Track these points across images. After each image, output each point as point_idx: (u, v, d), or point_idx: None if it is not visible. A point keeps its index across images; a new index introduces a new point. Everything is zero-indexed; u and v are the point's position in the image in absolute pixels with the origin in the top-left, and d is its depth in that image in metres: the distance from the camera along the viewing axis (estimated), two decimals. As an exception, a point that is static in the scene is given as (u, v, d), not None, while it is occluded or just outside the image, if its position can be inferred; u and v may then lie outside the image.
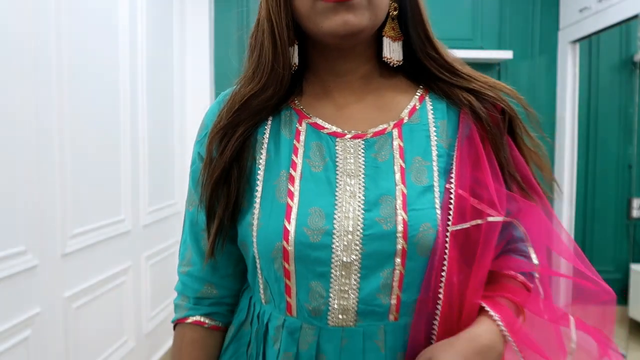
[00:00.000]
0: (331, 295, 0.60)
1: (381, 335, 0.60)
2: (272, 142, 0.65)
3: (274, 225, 0.60)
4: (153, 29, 2.38)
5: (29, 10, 1.45)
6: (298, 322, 0.61)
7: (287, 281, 0.61)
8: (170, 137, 2.66)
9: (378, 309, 0.60)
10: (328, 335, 0.60)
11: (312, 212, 0.59)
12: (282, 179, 0.62)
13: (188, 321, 0.71)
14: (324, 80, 0.67)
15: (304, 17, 0.60)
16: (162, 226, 2.53)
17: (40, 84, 1.51)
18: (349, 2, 0.56)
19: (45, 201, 1.54)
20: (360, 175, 0.61)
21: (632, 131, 2.59)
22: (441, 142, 0.64)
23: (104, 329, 1.95)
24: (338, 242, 0.59)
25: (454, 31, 3.14)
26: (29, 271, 1.47)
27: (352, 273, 0.59)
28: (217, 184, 0.63)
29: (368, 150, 0.62)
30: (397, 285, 0.59)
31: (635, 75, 2.70)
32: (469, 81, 0.65)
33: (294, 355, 0.61)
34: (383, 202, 0.59)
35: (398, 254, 0.58)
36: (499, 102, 0.66)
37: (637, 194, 2.77)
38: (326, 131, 0.64)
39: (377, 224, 0.58)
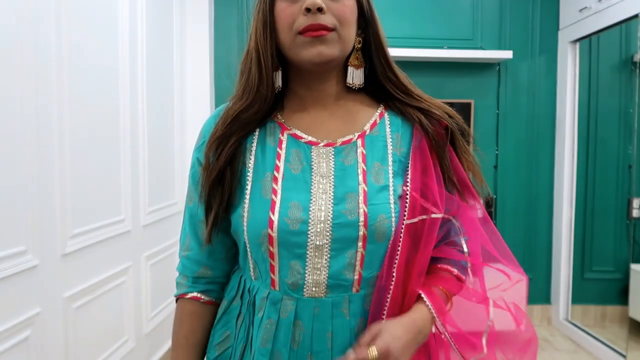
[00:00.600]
0: (307, 272, 0.74)
1: (346, 304, 0.75)
2: (259, 149, 0.79)
3: (261, 216, 0.74)
4: (153, 29, 2.38)
5: (29, 11, 1.45)
6: (279, 295, 0.75)
7: (272, 261, 0.75)
8: (170, 138, 2.67)
9: (344, 283, 0.75)
10: (303, 304, 0.75)
11: (292, 205, 0.74)
12: (267, 179, 0.76)
13: (187, 297, 0.85)
14: (302, 98, 0.81)
15: (286, 48, 0.75)
16: (162, 226, 2.53)
17: (41, 84, 1.51)
18: (323, 37, 0.72)
19: (45, 201, 1.54)
20: (331, 176, 0.76)
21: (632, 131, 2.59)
22: (396, 151, 0.79)
23: (104, 329, 1.95)
24: (312, 229, 0.73)
25: (454, 31, 3.14)
26: (29, 271, 1.47)
27: (323, 254, 0.74)
28: (214, 184, 0.77)
29: (337, 156, 0.77)
30: (359, 264, 0.74)
31: (635, 75, 2.70)
32: (420, 101, 0.82)
33: (275, 321, 0.75)
34: (348, 198, 0.74)
35: (360, 239, 0.73)
36: (443, 120, 0.81)
37: (637, 194, 2.77)
38: (303, 140, 0.79)
39: (343, 215, 0.73)
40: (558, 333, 3.15)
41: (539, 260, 3.27)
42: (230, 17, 3.06)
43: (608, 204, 3.03)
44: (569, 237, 3.11)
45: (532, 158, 3.23)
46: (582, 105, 3.05)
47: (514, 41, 3.17)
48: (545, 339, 3.06)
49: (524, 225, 3.25)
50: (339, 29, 0.74)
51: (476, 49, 3.10)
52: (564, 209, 3.11)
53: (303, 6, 0.71)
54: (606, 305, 3.06)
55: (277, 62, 0.77)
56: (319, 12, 0.71)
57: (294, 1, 0.73)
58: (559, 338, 3.08)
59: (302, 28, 0.72)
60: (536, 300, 3.27)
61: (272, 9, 0.75)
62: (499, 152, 3.21)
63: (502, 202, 3.23)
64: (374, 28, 0.82)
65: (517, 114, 3.21)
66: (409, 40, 3.09)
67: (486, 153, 3.21)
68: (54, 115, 1.59)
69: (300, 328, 0.75)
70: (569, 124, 3.09)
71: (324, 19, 0.72)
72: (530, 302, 3.17)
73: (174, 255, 2.72)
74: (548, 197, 3.24)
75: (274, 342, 0.75)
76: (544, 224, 3.26)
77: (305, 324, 0.75)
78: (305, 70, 0.78)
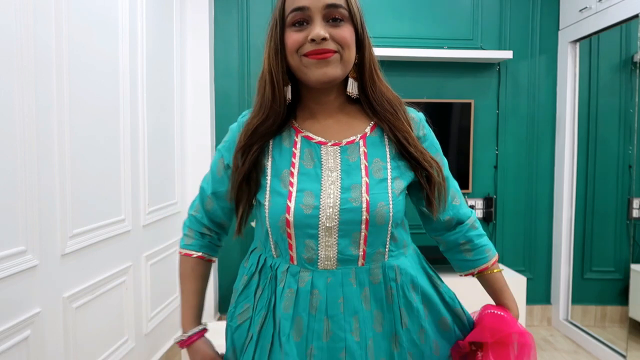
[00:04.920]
0: (319, 249, 0.88)
1: (353, 275, 0.90)
2: (277, 151, 0.94)
3: (280, 204, 0.88)
4: (153, 29, 2.38)
5: (29, 11, 1.45)
6: (297, 268, 0.90)
7: (290, 240, 0.89)
8: (170, 138, 2.66)
9: (350, 258, 0.89)
10: (318, 275, 0.89)
11: (306, 194, 0.88)
12: (285, 174, 0.91)
13: (193, 256, 1.04)
14: (311, 108, 0.96)
15: (294, 69, 0.90)
16: (162, 226, 2.53)
17: (40, 84, 1.51)
18: (327, 59, 0.86)
19: (45, 201, 1.54)
20: (338, 170, 0.91)
21: (632, 131, 2.59)
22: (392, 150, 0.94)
23: (104, 329, 1.95)
24: (323, 213, 0.87)
25: (454, 31, 3.14)
26: (29, 271, 1.47)
27: (332, 234, 0.88)
28: (241, 184, 0.92)
29: (343, 154, 0.92)
30: (362, 242, 0.89)
31: (635, 75, 2.70)
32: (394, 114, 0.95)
33: (295, 290, 0.90)
34: (353, 188, 0.88)
35: (363, 222, 0.88)
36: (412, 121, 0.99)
37: (637, 194, 2.77)
38: (314, 141, 0.94)
39: (349, 202, 0.88)
40: (558, 333, 3.15)
41: (539, 260, 3.27)
42: (230, 17, 3.06)
43: (608, 204, 3.03)
44: (569, 237, 3.11)
45: (532, 158, 3.23)
46: (582, 105, 3.05)
47: (514, 41, 3.17)
48: (545, 339, 3.06)
49: (524, 225, 3.25)
50: (341, 51, 0.88)
51: (476, 49, 3.10)
52: (564, 209, 3.11)
53: (309, 37, 0.85)
54: (606, 306, 3.06)
55: (287, 80, 0.92)
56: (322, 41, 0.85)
57: (301, 30, 0.87)
58: (559, 338, 3.08)
59: (307, 52, 0.86)
60: (536, 300, 3.27)
61: (282, 37, 0.89)
62: (499, 152, 3.21)
63: (502, 202, 3.23)
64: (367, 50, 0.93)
65: (517, 114, 3.21)
66: (409, 40, 3.09)
67: (486, 153, 3.21)
68: (54, 115, 1.59)
69: (316, 296, 0.89)
70: (569, 124, 3.09)
71: (327, 44, 0.86)
72: (530, 302, 3.17)
73: (174, 255, 2.72)
74: (548, 197, 3.24)
75: (295, 308, 0.89)
76: (544, 224, 3.26)
77: (320, 292, 0.89)
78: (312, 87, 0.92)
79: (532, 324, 3.27)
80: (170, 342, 2.65)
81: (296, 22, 0.87)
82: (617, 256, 3.02)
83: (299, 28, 0.87)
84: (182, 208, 2.84)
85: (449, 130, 3.16)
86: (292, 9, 0.87)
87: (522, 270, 3.21)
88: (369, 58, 0.93)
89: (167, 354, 2.58)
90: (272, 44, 0.90)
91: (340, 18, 0.87)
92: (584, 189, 3.07)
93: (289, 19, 0.88)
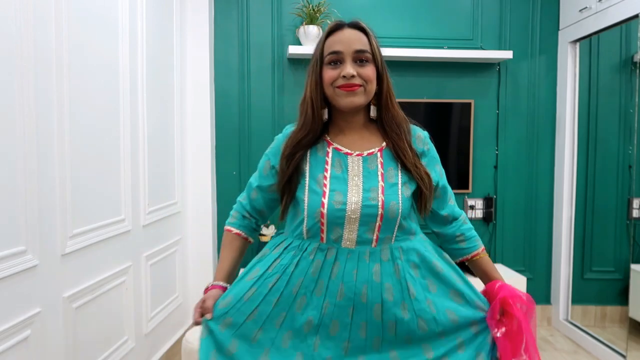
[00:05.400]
0: (344, 233, 1.15)
1: (367, 253, 1.16)
2: (313, 159, 1.21)
3: (316, 201, 1.16)
4: (153, 29, 2.38)
5: (29, 11, 1.45)
6: (326, 245, 1.17)
7: (322, 227, 1.16)
8: (170, 138, 2.67)
9: (366, 240, 1.16)
10: (341, 251, 1.16)
11: (336, 193, 1.15)
12: (320, 178, 1.18)
13: (233, 232, 1.33)
14: (340, 126, 1.24)
15: (329, 97, 1.19)
16: (162, 226, 2.53)
17: (40, 84, 1.51)
18: (354, 91, 1.15)
19: (45, 201, 1.55)
20: (360, 175, 1.18)
21: (632, 131, 2.59)
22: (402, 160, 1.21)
23: (104, 329, 1.95)
24: (349, 208, 1.14)
25: (454, 31, 3.14)
26: (29, 271, 1.47)
27: (355, 223, 1.15)
28: (286, 183, 1.20)
29: (364, 163, 1.19)
30: (377, 229, 1.16)
31: (635, 75, 2.70)
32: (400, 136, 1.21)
33: (322, 261, 1.16)
34: (372, 190, 1.15)
35: (378, 215, 1.14)
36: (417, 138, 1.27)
37: (637, 194, 2.77)
38: (342, 152, 1.21)
39: (369, 200, 1.14)
40: (558, 333, 3.15)
41: (539, 260, 3.27)
42: (230, 17, 3.06)
43: (608, 204, 3.03)
44: (569, 237, 3.11)
45: (532, 158, 3.23)
46: (582, 105, 3.05)
47: (514, 41, 3.17)
48: (545, 339, 3.06)
49: (524, 225, 3.25)
50: (365, 85, 1.16)
51: (476, 49, 3.10)
52: (564, 209, 3.11)
53: (341, 74, 1.14)
54: (606, 306, 3.06)
55: (325, 104, 1.20)
56: (351, 77, 1.14)
57: (335, 68, 1.16)
58: (559, 338, 3.08)
59: (339, 85, 1.15)
60: (536, 300, 3.26)
61: (321, 72, 1.18)
62: (499, 152, 3.21)
63: (502, 202, 3.23)
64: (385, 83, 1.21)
65: (517, 114, 3.21)
66: (409, 40, 3.09)
67: (486, 153, 3.21)
68: (54, 115, 1.59)
69: (337, 266, 1.15)
70: (569, 124, 3.09)
71: (354, 80, 1.14)
72: (530, 302, 3.17)
73: (174, 255, 2.72)
74: (548, 197, 3.24)
75: (320, 273, 1.16)
76: (544, 224, 3.26)
77: (341, 264, 1.15)
78: (342, 110, 1.20)
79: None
80: (170, 342, 2.65)
81: (332, 62, 1.16)
82: (617, 256, 3.02)
83: (334, 67, 1.16)
84: (182, 208, 2.84)
85: (449, 130, 3.16)
86: (330, 52, 1.16)
87: (522, 270, 3.21)
88: (386, 89, 1.21)
89: (167, 354, 2.58)
90: (313, 77, 1.19)
91: (365, 60, 1.16)
92: (584, 189, 3.07)
93: (327, 59, 1.16)
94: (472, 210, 3.20)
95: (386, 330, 1.13)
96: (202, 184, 2.97)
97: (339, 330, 1.13)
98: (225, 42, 3.06)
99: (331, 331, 1.13)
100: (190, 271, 2.98)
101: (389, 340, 1.13)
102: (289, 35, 3.07)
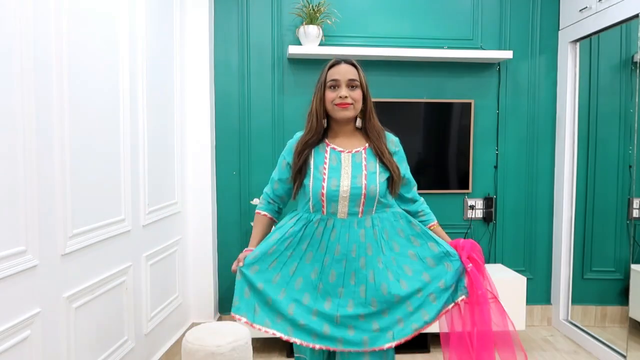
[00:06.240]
0: (338, 207, 1.58)
1: (355, 221, 1.59)
2: (316, 155, 1.64)
3: (318, 185, 1.59)
4: (153, 29, 2.38)
5: (29, 11, 1.45)
6: (326, 217, 1.60)
7: (322, 203, 1.59)
8: (170, 138, 2.67)
9: (354, 212, 1.59)
10: (337, 221, 1.59)
11: (332, 179, 1.58)
12: (321, 168, 1.61)
13: (262, 213, 1.77)
14: (336, 131, 1.68)
15: (328, 111, 1.63)
16: (162, 226, 2.53)
17: (40, 84, 1.51)
18: (346, 107, 1.60)
19: (45, 201, 1.55)
20: (349, 167, 1.61)
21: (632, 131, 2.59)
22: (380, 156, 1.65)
23: (104, 329, 1.95)
24: (341, 190, 1.57)
25: (454, 31, 3.14)
26: (29, 271, 1.47)
27: (346, 200, 1.57)
28: (297, 172, 1.63)
29: (353, 158, 1.63)
30: (361, 205, 1.59)
31: (635, 75, 2.70)
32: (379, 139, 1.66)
33: (323, 227, 1.59)
34: (357, 177, 1.59)
35: (362, 195, 1.57)
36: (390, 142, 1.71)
37: (637, 194, 2.77)
38: (337, 150, 1.64)
39: (356, 184, 1.57)
40: (558, 333, 3.15)
41: (539, 260, 3.27)
42: (230, 17, 3.06)
43: (608, 204, 3.03)
44: (569, 237, 3.11)
45: (532, 158, 3.23)
46: (582, 105, 3.05)
47: (514, 41, 3.17)
48: (545, 339, 3.06)
49: (524, 225, 3.25)
50: (354, 104, 1.61)
51: (476, 49, 3.10)
52: (564, 209, 3.11)
53: (338, 95, 1.59)
54: (606, 306, 3.06)
55: (325, 115, 1.64)
56: (345, 98, 1.59)
57: (334, 91, 1.60)
58: (559, 338, 3.08)
59: (336, 103, 1.60)
60: (536, 300, 3.27)
61: (324, 93, 1.62)
62: (499, 152, 3.21)
63: (502, 202, 3.23)
64: (368, 102, 1.66)
65: (517, 114, 3.21)
66: (409, 40, 3.09)
67: (486, 153, 3.21)
68: (54, 116, 1.59)
69: (334, 231, 1.59)
70: (569, 124, 3.09)
71: (347, 100, 1.59)
72: (530, 302, 3.17)
73: (174, 255, 2.72)
74: (548, 197, 3.24)
75: (322, 236, 1.60)
76: (544, 224, 3.26)
77: (337, 229, 1.59)
78: (338, 120, 1.65)
79: (532, 324, 3.27)
80: (170, 342, 2.65)
81: (332, 86, 1.61)
82: (617, 256, 3.02)
83: (333, 90, 1.61)
84: (182, 208, 2.84)
85: (449, 130, 3.16)
86: (331, 79, 1.61)
87: (522, 270, 3.21)
88: (369, 107, 1.66)
89: (167, 354, 2.58)
90: (318, 96, 1.63)
91: (355, 86, 1.61)
92: (584, 189, 3.07)
93: (328, 84, 1.62)
94: (472, 210, 3.20)
95: (367, 278, 1.57)
96: (202, 184, 2.97)
97: (335, 278, 1.58)
98: (225, 42, 3.06)
99: (330, 278, 1.58)
100: (190, 271, 2.98)
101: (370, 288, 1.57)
102: (289, 35, 3.07)
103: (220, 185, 3.10)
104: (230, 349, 1.98)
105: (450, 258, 1.62)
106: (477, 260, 1.60)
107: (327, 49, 2.92)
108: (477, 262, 1.60)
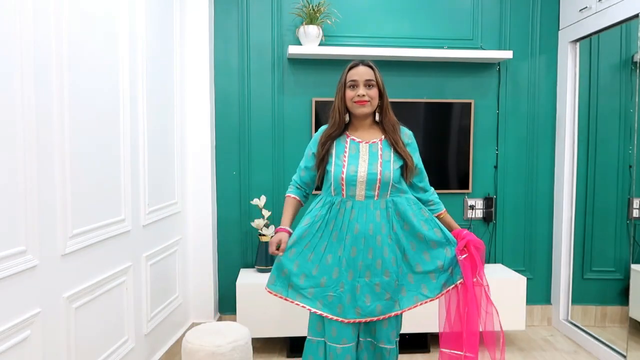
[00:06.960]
0: (357, 190, 1.85)
1: (372, 204, 1.86)
2: (338, 145, 1.91)
3: (339, 171, 1.85)
4: (153, 29, 2.38)
5: (29, 11, 1.45)
6: (346, 199, 1.86)
7: (342, 187, 1.85)
8: (171, 137, 2.67)
9: (371, 195, 1.85)
10: (356, 203, 1.86)
11: (351, 166, 1.85)
12: (341, 156, 1.88)
13: (292, 196, 1.99)
14: (355, 125, 1.93)
15: (349, 107, 1.89)
16: (162, 226, 2.53)
17: (40, 83, 1.51)
18: (364, 104, 1.85)
19: (45, 201, 1.55)
20: (367, 155, 1.87)
21: (632, 131, 2.59)
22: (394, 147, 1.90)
23: (104, 329, 1.95)
24: (359, 175, 1.84)
25: (454, 31, 3.14)
26: (29, 271, 1.47)
27: (363, 184, 1.84)
28: (321, 160, 1.90)
29: (370, 148, 1.88)
30: (377, 189, 1.84)
31: (635, 75, 2.70)
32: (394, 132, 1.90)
33: (344, 209, 1.86)
34: (374, 164, 1.84)
35: (377, 180, 1.83)
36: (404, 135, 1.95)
37: (637, 194, 2.77)
38: (356, 141, 1.90)
39: (372, 171, 1.83)
40: (558, 333, 3.15)
41: (539, 260, 3.27)
42: (230, 17, 3.06)
43: (608, 204, 3.03)
44: (569, 237, 3.11)
45: (532, 158, 3.23)
46: (582, 105, 3.05)
47: (514, 41, 3.17)
48: (545, 339, 3.06)
49: (524, 225, 3.26)
50: (372, 101, 1.85)
51: (476, 49, 3.10)
52: (564, 209, 3.11)
53: (357, 93, 1.83)
54: (606, 306, 3.06)
55: (346, 111, 1.89)
56: (363, 96, 1.82)
57: (353, 90, 1.84)
58: (559, 338, 3.08)
59: (355, 100, 1.84)
60: (536, 300, 3.27)
61: (344, 92, 1.86)
62: (499, 152, 3.21)
63: (502, 202, 3.23)
64: (384, 99, 1.89)
65: (517, 114, 3.21)
66: (409, 40, 3.09)
67: (486, 153, 3.21)
68: (54, 116, 1.59)
69: (353, 212, 1.84)
70: (569, 124, 3.09)
71: (364, 98, 1.82)
72: (530, 302, 3.17)
73: (173, 255, 2.72)
74: (548, 197, 3.25)
75: (344, 216, 1.85)
76: (544, 224, 3.26)
77: (355, 210, 1.84)
78: (357, 116, 1.89)
79: (532, 324, 3.27)
80: (170, 342, 2.66)
81: (351, 86, 1.84)
82: (617, 256, 3.02)
83: (352, 89, 1.84)
84: (182, 208, 2.84)
85: (449, 130, 3.16)
86: (350, 80, 1.84)
87: (522, 270, 3.21)
88: (386, 103, 1.89)
89: (167, 354, 2.58)
90: (339, 95, 1.87)
91: (372, 85, 1.84)
92: (584, 189, 3.07)
93: (348, 84, 1.85)
94: (472, 210, 3.20)
95: (382, 253, 1.83)
96: (202, 184, 2.97)
97: (356, 254, 1.84)
98: (225, 42, 3.07)
99: (352, 253, 1.84)
100: (190, 271, 2.98)
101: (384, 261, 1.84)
102: (289, 35, 3.07)
103: (220, 185, 3.10)
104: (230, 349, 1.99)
105: (450, 245, 1.87)
106: (472, 252, 1.83)
107: (327, 49, 2.92)
108: (472, 254, 1.83)
